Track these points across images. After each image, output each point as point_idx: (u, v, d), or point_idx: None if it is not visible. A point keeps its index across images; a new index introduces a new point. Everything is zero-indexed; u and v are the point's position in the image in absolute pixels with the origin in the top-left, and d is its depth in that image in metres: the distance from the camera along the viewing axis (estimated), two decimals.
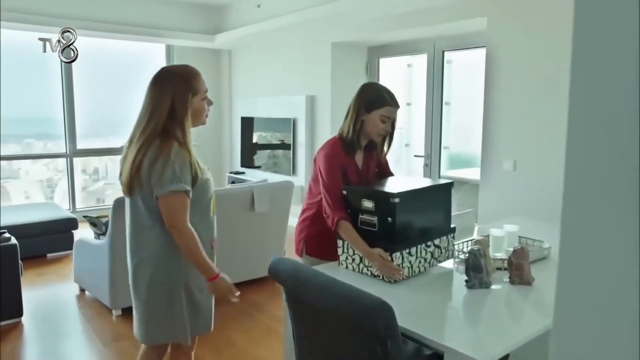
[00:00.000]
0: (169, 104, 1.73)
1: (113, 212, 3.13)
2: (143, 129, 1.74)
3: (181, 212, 1.72)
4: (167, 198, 1.70)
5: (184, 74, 1.80)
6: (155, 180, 1.68)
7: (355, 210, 1.96)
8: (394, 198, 1.79)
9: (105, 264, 3.27)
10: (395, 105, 2.17)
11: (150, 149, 1.70)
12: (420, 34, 4.77)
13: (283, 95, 6.17)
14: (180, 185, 1.70)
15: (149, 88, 1.79)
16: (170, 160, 1.68)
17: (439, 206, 2.01)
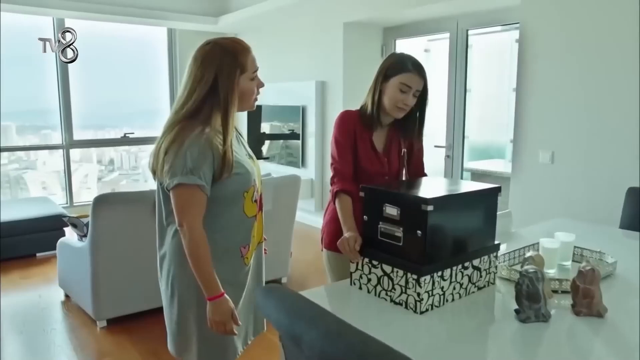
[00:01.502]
0: (211, 81, 1.49)
1: (93, 211, 2.74)
2: (177, 110, 1.53)
3: (190, 209, 1.47)
4: (175, 192, 1.47)
5: (230, 47, 1.55)
6: (166, 171, 1.47)
7: (375, 217, 1.53)
8: (426, 205, 1.36)
9: (87, 269, 2.89)
10: (419, 74, 1.83)
11: (172, 132, 1.49)
12: (442, 10, 4.30)
13: (291, 81, 5.74)
14: (190, 178, 1.44)
15: (190, 64, 1.55)
16: (183, 149, 1.44)
17: (482, 217, 1.57)
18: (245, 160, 1.60)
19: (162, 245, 1.62)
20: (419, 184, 1.67)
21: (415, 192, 1.50)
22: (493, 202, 1.60)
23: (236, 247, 1.61)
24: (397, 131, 1.99)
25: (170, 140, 1.47)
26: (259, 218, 1.71)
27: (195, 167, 1.45)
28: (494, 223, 1.63)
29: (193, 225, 1.47)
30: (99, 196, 2.73)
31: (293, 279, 3.89)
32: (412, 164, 2.03)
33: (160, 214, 1.60)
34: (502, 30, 5.40)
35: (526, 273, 1.38)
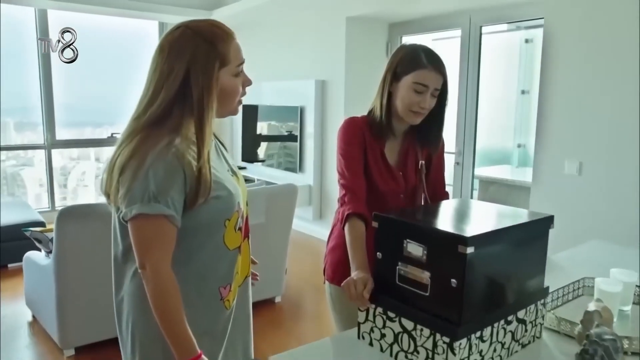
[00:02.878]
0: (182, 77, 1.14)
1: (57, 226, 2.38)
2: (138, 114, 1.17)
3: (154, 246, 1.12)
4: (135, 224, 1.11)
5: (207, 32, 1.18)
6: (122, 196, 1.11)
7: (392, 255, 1.17)
8: (465, 245, 1.00)
9: (52, 291, 2.53)
10: (437, 69, 1.48)
11: (130, 145, 1.13)
12: (453, 5, 3.95)
13: (289, 80, 5.38)
14: (153, 207, 1.09)
15: (155, 55, 1.19)
16: (144, 167, 1.09)
17: (530, 256, 1.22)
18: (226, 179, 1.24)
19: (120, 288, 1.25)
20: (449, 213, 1.30)
21: (448, 226, 1.13)
22: (544, 236, 1.24)
23: (214, 289, 1.25)
24: (414, 140, 1.64)
25: (128, 155, 1.11)
26: (244, 248, 1.34)
27: (160, 191, 1.09)
28: (544, 262, 1.27)
29: (158, 267, 1.11)
30: (64, 209, 2.37)
31: (287, 298, 3.53)
32: (429, 180, 1.68)
33: (117, 248, 1.24)
34: (508, 30, 5.08)
35: (600, 340, 1.02)
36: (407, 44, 1.57)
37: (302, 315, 3.36)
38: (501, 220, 1.23)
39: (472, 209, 1.34)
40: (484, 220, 1.21)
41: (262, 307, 3.30)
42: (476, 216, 1.25)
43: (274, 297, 3.40)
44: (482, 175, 4.70)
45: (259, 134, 5.95)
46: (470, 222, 1.18)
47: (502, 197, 4.71)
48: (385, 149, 1.60)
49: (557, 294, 1.53)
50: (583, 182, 2.94)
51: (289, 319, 3.27)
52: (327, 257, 1.71)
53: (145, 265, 1.11)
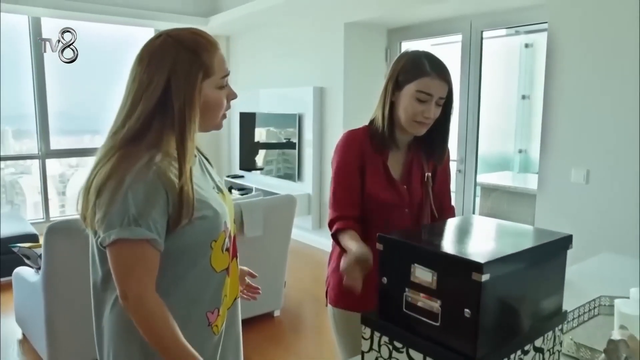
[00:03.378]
0: (162, 88, 1.06)
1: (46, 242, 2.28)
2: (116, 130, 1.09)
3: (135, 273, 1.03)
4: (114, 250, 1.02)
5: (190, 41, 1.11)
6: (99, 219, 1.03)
7: (398, 280, 1.08)
8: (479, 272, 0.91)
9: (41, 309, 2.43)
10: (442, 77, 1.40)
11: (108, 164, 1.05)
12: (454, 10, 3.88)
13: (287, 87, 5.30)
14: (134, 231, 1.01)
15: (133, 65, 1.12)
16: (122, 188, 1.01)
17: (547, 279, 1.12)
18: (212, 197, 1.15)
19: (100, 317, 1.16)
20: (459, 233, 1.20)
21: (459, 250, 1.04)
22: (562, 257, 1.15)
23: (201, 315, 1.16)
24: (419, 151, 1.55)
25: (105, 175, 1.03)
26: (233, 269, 1.25)
27: (141, 213, 1.01)
28: (562, 285, 1.17)
29: (142, 295, 1.03)
30: (53, 225, 2.28)
31: (287, 311, 3.43)
32: (434, 193, 1.59)
33: (96, 274, 1.14)
34: (507, 34, 5.01)
35: None
36: (409, 50, 1.49)
37: (302, 330, 3.26)
38: (516, 241, 1.13)
39: (483, 228, 1.24)
40: (497, 242, 1.12)
41: (260, 322, 3.20)
42: (488, 237, 1.15)
43: (272, 311, 3.29)
44: (484, 182, 4.61)
45: (257, 141, 5.86)
46: (483, 244, 1.08)
47: (504, 205, 4.62)
48: (388, 162, 1.52)
49: (573, 314, 1.44)
50: (591, 190, 2.85)
51: (288, 334, 3.17)
52: (329, 279, 1.62)
53: (127, 295, 1.02)
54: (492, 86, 4.50)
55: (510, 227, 1.26)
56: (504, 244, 1.11)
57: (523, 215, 4.50)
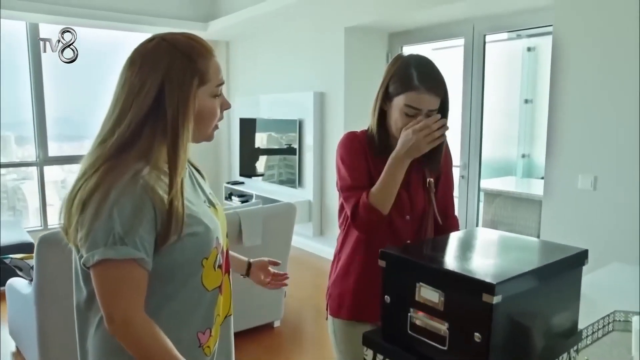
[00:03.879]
0: (155, 93, 1.00)
1: (37, 254, 2.21)
2: (103, 138, 1.02)
3: (122, 295, 0.96)
4: (98, 271, 0.95)
5: (185, 46, 1.04)
6: (83, 237, 0.95)
7: (402, 300, 1.01)
8: (491, 294, 0.84)
9: (33, 323, 2.35)
10: (430, 92, 1.32)
11: (94, 176, 0.97)
12: (455, 13, 3.81)
13: (287, 92, 5.24)
14: (120, 250, 0.94)
15: (123, 69, 1.05)
16: (106, 203, 0.94)
17: (561, 298, 1.05)
18: (203, 212, 1.08)
19: (84, 339, 1.08)
20: (467, 249, 1.13)
21: (469, 268, 0.96)
22: (577, 274, 1.08)
23: (192, 336, 1.09)
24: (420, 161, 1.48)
25: (91, 188, 0.96)
26: (225, 286, 1.18)
27: (127, 231, 0.94)
28: (577, 303, 1.10)
29: (130, 318, 0.96)
30: (44, 236, 2.20)
31: (287, 322, 3.35)
32: (438, 200, 1.52)
33: (79, 294, 1.07)
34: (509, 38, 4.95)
35: None
36: (403, 55, 1.42)
37: (302, 341, 3.18)
38: (528, 257, 1.06)
39: (491, 242, 1.17)
40: (508, 259, 1.05)
41: (260, 333, 3.12)
42: (498, 252, 1.08)
43: (272, 321, 3.21)
44: (487, 187, 4.54)
45: (257, 147, 5.80)
46: (493, 261, 1.01)
47: (508, 211, 4.55)
48: None
49: (587, 331, 1.36)
50: (598, 198, 2.77)
51: (288, 345, 3.09)
52: (330, 290, 1.55)
53: (114, 318, 0.95)
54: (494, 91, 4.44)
55: (520, 241, 1.19)
56: (516, 260, 1.04)
57: (527, 222, 4.42)
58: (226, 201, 5.82)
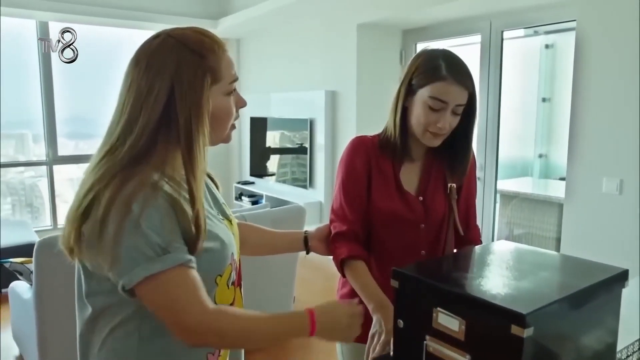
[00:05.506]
0: (165, 95, 0.91)
1: (36, 259, 2.14)
2: (112, 145, 0.92)
3: (184, 303, 0.88)
4: (146, 288, 0.86)
5: (194, 41, 0.96)
6: (111, 257, 0.86)
7: (417, 325, 0.90)
8: (522, 326, 0.72)
9: (33, 328, 2.29)
10: (459, 83, 1.20)
11: (107, 191, 0.87)
12: (472, 9, 3.68)
13: (298, 91, 5.14)
14: (166, 260, 0.86)
15: (128, 70, 0.96)
16: (130, 219, 0.84)
17: (599, 325, 0.93)
18: (218, 226, 1.00)
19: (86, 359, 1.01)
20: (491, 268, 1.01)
21: (494, 293, 0.85)
22: (616, 298, 0.96)
23: (201, 357, 1.01)
24: (439, 160, 1.37)
25: (106, 204, 0.86)
26: (237, 299, 1.10)
27: (165, 238, 0.86)
28: (616, 330, 0.98)
29: (203, 318, 0.87)
30: (43, 241, 2.13)
31: None
32: (459, 208, 1.40)
33: (83, 309, 0.98)
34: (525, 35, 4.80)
35: None
36: (427, 49, 1.30)
37: (311, 349, 3.08)
38: (560, 278, 0.94)
39: (517, 259, 1.05)
40: (538, 281, 0.93)
41: None
42: (526, 273, 0.96)
43: None
44: (503, 189, 4.39)
45: (268, 146, 5.71)
46: (520, 284, 0.89)
47: (525, 213, 4.40)
48: (402, 173, 1.34)
49: (620, 354, 1.24)
50: (625, 202, 2.62)
51: (297, 353, 2.99)
52: None
53: (188, 327, 0.87)
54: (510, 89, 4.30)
55: (547, 257, 1.07)
56: (546, 283, 0.92)
57: (545, 225, 4.27)
58: (236, 201, 5.75)
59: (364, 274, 1.25)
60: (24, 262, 2.41)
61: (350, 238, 1.30)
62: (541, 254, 1.10)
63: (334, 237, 1.33)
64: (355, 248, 1.29)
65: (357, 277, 1.25)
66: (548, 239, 4.12)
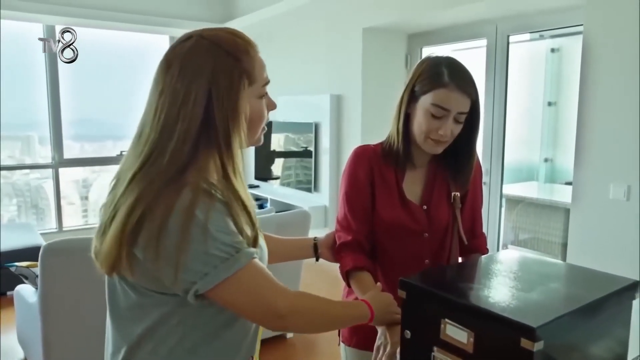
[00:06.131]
0: (203, 101, 0.88)
1: (42, 264, 2.14)
2: (151, 155, 0.87)
3: (268, 291, 0.90)
4: (228, 289, 0.87)
5: (229, 43, 0.93)
6: (179, 268, 0.84)
7: (424, 336, 0.89)
8: (532, 339, 0.71)
9: (38, 332, 2.29)
10: (461, 90, 1.19)
11: (159, 201, 0.84)
12: (478, 13, 3.67)
13: (303, 95, 5.14)
14: (239, 259, 0.87)
15: (159, 74, 0.92)
16: (195, 224, 0.83)
17: (608, 338, 0.92)
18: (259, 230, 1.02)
19: None
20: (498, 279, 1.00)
21: (503, 305, 0.84)
22: (626, 310, 0.94)
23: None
24: (442, 168, 1.36)
25: (164, 214, 0.84)
26: None
27: (234, 237, 0.88)
28: (626, 343, 0.97)
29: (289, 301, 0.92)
30: (49, 245, 2.13)
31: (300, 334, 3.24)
32: (464, 216, 1.39)
33: (133, 325, 0.93)
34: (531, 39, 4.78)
35: None
36: (431, 56, 1.30)
37: (316, 353, 3.07)
38: (570, 290, 0.93)
39: (525, 269, 1.04)
40: (547, 292, 0.92)
41: (272, 345, 3.02)
42: (534, 284, 0.95)
43: (285, 333, 3.11)
44: (508, 193, 4.37)
45: (273, 150, 5.71)
46: (531, 296, 0.88)
47: (531, 218, 4.38)
48: (405, 181, 1.33)
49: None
50: (633, 208, 2.60)
51: (301, 357, 2.99)
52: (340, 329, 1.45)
53: (280, 313, 0.90)
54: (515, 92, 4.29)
55: (556, 267, 1.06)
56: (556, 295, 0.91)
57: (551, 230, 4.24)
58: None
59: (369, 286, 1.24)
60: (30, 265, 2.41)
61: (355, 248, 1.30)
62: (548, 263, 1.09)
63: (339, 248, 1.33)
64: (360, 259, 1.28)
65: (363, 289, 1.24)
66: (554, 244, 4.09)
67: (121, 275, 0.91)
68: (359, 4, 4.27)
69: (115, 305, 0.96)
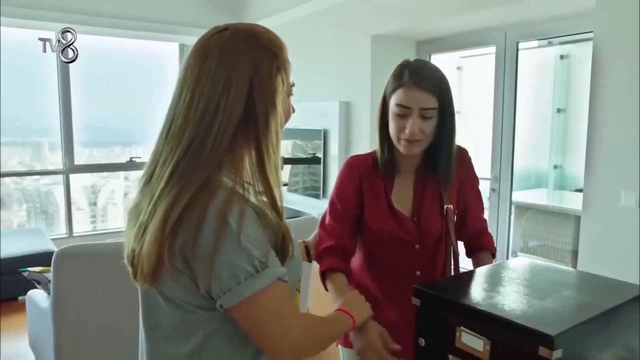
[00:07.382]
0: (245, 91, 0.84)
1: (54, 269, 2.16)
2: (189, 147, 0.83)
3: (288, 317, 0.85)
4: (253, 305, 0.82)
5: (266, 37, 0.91)
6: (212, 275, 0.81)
7: (439, 344, 0.89)
8: (550, 347, 0.71)
9: (50, 337, 2.30)
10: (419, 87, 1.20)
11: (197, 201, 0.81)
12: (486, 20, 3.67)
13: (312, 102, 5.16)
14: (266, 276, 0.82)
15: (192, 61, 0.88)
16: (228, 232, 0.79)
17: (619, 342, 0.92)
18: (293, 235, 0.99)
19: None
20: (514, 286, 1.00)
21: (520, 313, 0.84)
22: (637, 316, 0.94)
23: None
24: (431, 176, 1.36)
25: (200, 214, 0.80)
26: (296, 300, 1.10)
27: (264, 252, 0.83)
28: (636, 347, 0.96)
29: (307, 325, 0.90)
30: (62, 250, 2.15)
31: None
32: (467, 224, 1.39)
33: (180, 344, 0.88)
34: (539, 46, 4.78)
35: None
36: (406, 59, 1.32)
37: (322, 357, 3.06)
38: (585, 298, 0.93)
39: (538, 278, 1.04)
40: (562, 300, 0.92)
41: None
42: (548, 292, 0.95)
43: None
44: (517, 200, 4.35)
45: (281, 156, 5.73)
46: (547, 304, 0.88)
47: (540, 226, 4.36)
48: (394, 190, 1.33)
49: None
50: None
51: None
52: None
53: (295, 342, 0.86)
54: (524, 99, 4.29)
55: (568, 275, 1.06)
56: (572, 303, 0.91)
57: (561, 237, 4.22)
58: None
59: (341, 286, 1.26)
60: (42, 271, 2.43)
61: (335, 252, 1.32)
62: (560, 271, 1.09)
63: (321, 252, 1.34)
64: (337, 262, 1.30)
65: (337, 291, 1.26)
66: (564, 252, 4.07)
67: (160, 291, 0.87)
68: (368, 11, 4.29)
69: (155, 323, 0.91)
